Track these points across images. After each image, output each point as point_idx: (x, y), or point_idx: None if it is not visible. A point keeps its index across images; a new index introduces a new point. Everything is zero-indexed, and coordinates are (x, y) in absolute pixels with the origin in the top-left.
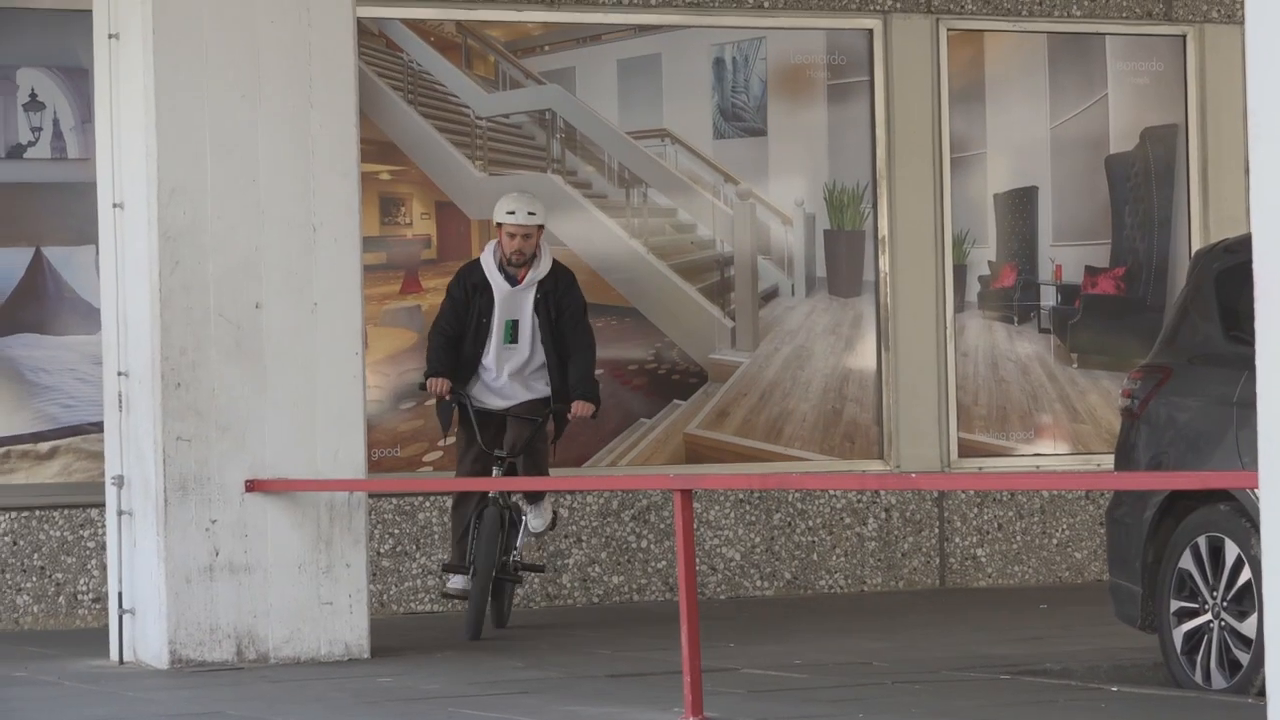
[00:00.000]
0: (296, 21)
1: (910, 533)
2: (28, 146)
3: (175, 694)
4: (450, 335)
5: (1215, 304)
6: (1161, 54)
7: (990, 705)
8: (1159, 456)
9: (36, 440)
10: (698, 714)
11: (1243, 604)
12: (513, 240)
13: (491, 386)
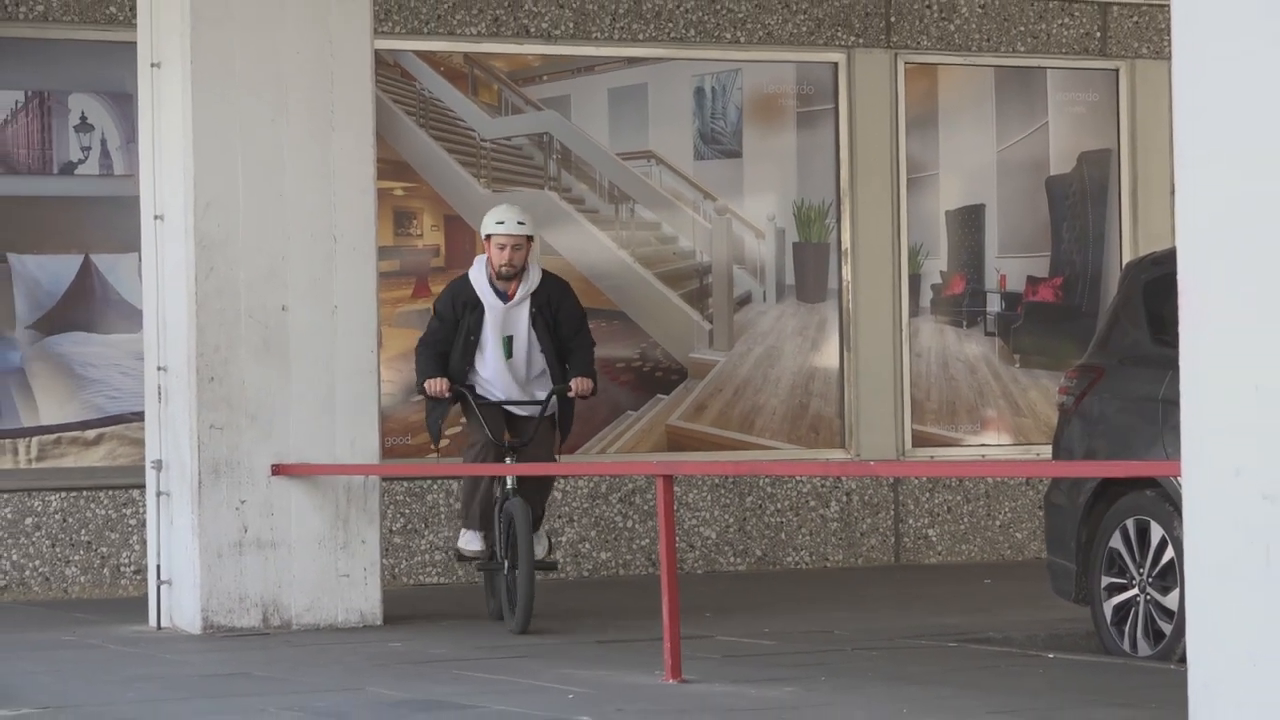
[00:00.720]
0: (320, 52)
1: (868, 514)
2: (78, 164)
3: (207, 657)
4: (439, 351)
5: (1143, 311)
6: (1097, 86)
7: (939, 670)
8: (1092, 447)
9: (84, 428)
10: (677, 676)
11: (1166, 580)
12: (502, 252)
13: (491, 393)
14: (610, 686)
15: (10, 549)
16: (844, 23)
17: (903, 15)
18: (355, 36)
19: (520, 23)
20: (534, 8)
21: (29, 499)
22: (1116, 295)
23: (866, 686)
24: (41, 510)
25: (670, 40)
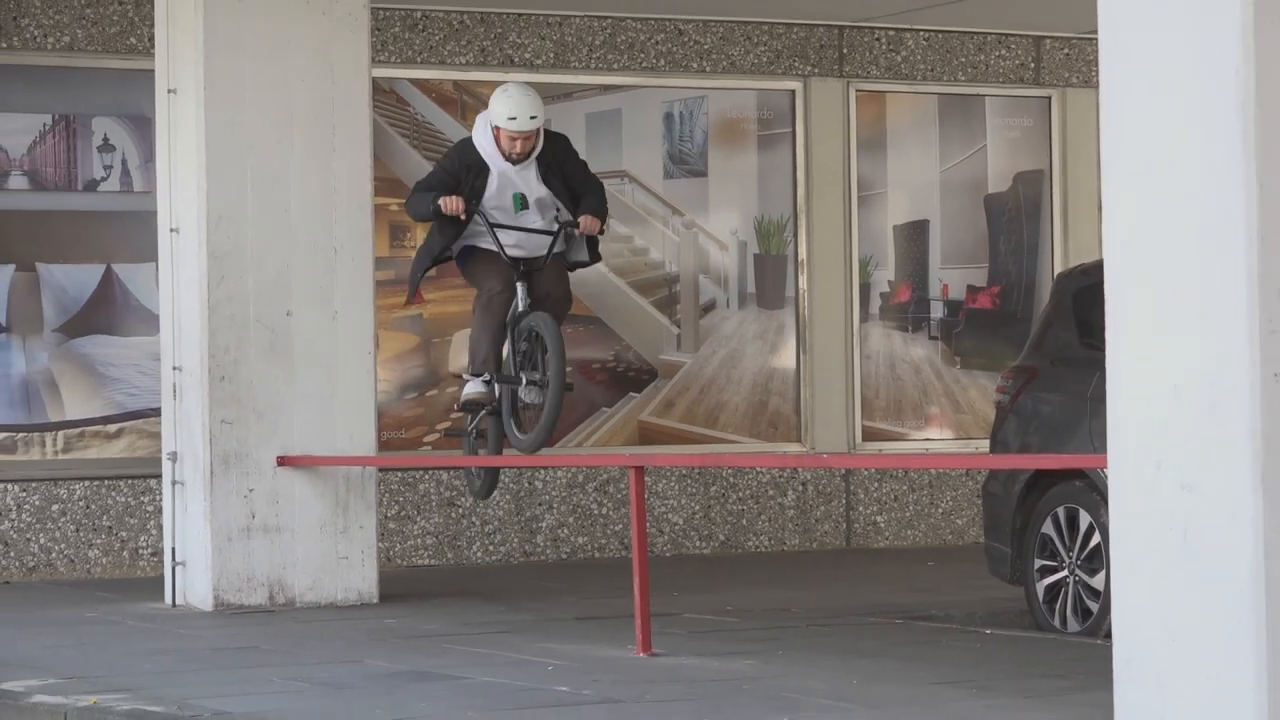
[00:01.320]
0: (322, 80)
1: (822, 502)
2: (101, 181)
3: (218, 632)
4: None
5: (1073, 317)
6: (1031, 112)
7: (886, 644)
8: (1026, 441)
9: (106, 422)
10: (647, 650)
11: (1093, 563)
12: (514, 142)
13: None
14: (586, 659)
15: (38, 533)
16: (800, 54)
17: (854, 47)
18: (354, 66)
19: (505, 53)
20: (518, 39)
21: (55, 488)
22: (1048, 303)
23: (820, 659)
24: (67, 498)
25: (642, 70)
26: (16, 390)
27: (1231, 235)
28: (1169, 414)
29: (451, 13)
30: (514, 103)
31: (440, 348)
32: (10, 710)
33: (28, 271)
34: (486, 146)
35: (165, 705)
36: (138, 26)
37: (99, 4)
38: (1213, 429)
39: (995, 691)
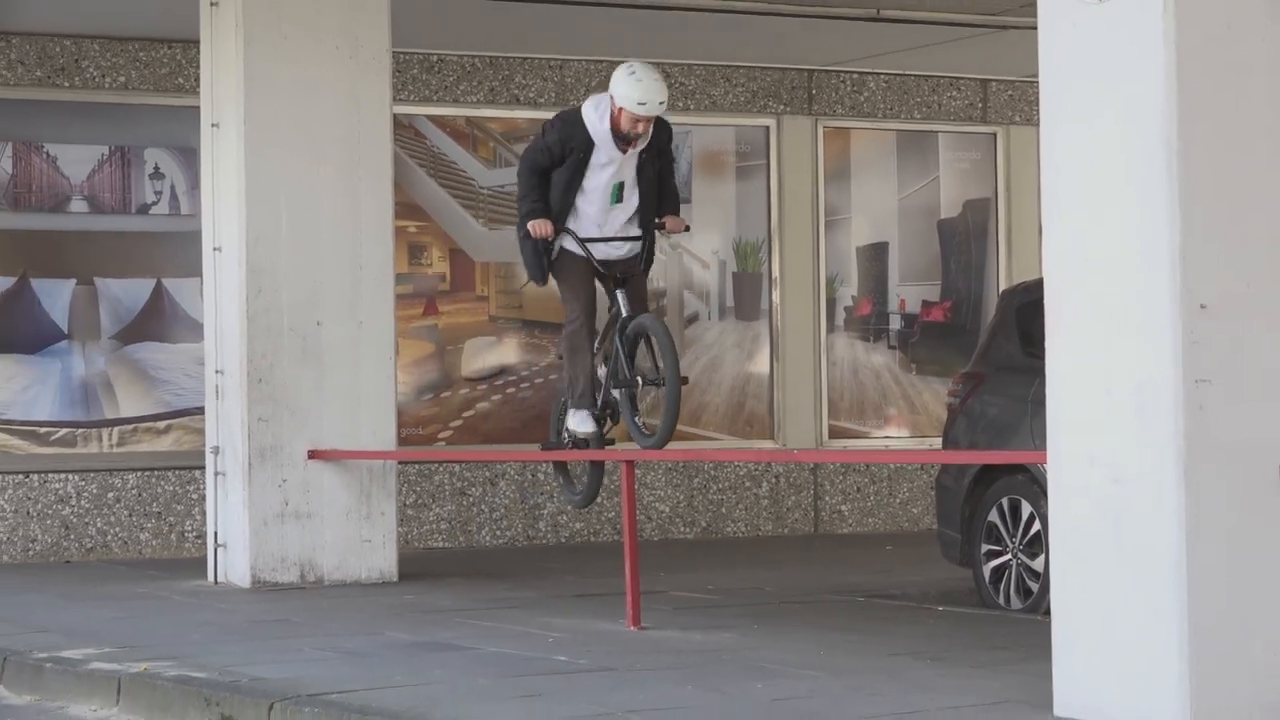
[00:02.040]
0: (349, 116)
1: (793, 493)
2: (152, 205)
3: (255, 606)
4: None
5: (1016, 329)
6: (979, 146)
7: (849, 620)
8: (975, 439)
9: (156, 420)
10: (637, 624)
11: (1034, 548)
12: (636, 125)
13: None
14: (583, 632)
15: (96, 518)
16: (774, 94)
17: (822, 88)
18: (377, 104)
19: (511, 92)
20: (523, 80)
21: (111, 477)
22: (994, 316)
23: (791, 633)
24: (121, 487)
25: None
26: (76, 391)
27: (1157, 257)
28: (1102, 415)
29: (464, 57)
30: (645, 88)
31: (453, 354)
32: (69, 676)
33: (87, 285)
34: (599, 126)
35: (208, 671)
36: (185, 68)
37: (151, 48)
38: (1141, 429)
39: (947, 662)
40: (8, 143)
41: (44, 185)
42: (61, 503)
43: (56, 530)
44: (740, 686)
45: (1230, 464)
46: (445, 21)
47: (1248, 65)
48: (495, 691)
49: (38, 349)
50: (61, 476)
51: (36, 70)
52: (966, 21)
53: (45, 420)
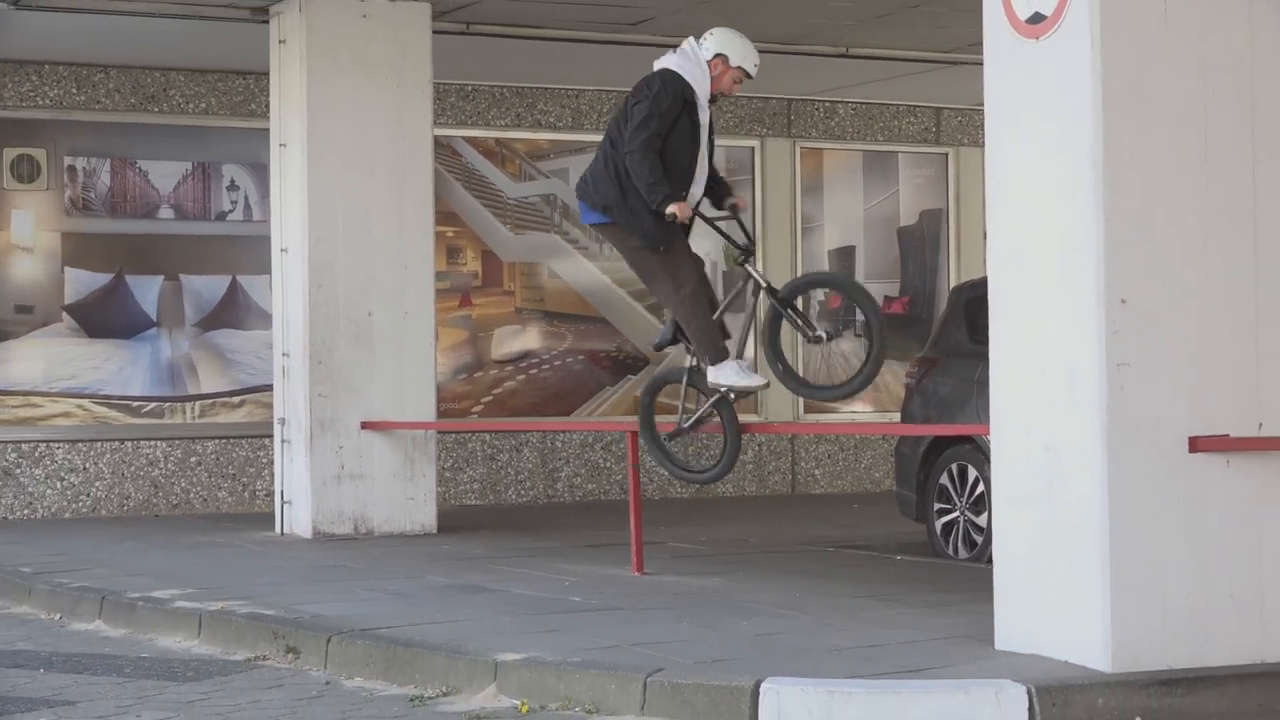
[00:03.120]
0: (396, 136)
1: (773, 459)
2: (228, 213)
3: (315, 553)
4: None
5: (964, 320)
6: (933, 165)
7: (821, 566)
8: (928, 414)
9: (231, 396)
10: (640, 570)
11: (978, 506)
12: (736, 86)
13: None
14: (594, 576)
15: (180, 479)
16: (758, 119)
17: (799, 114)
18: (420, 126)
19: (534, 117)
20: (544, 107)
21: (193, 444)
22: (945, 309)
23: (771, 577)
24: (202, 452)
25: None
26: (164, 371)
27: (1085, 259)
28: (1037, 393)
29: (494, 86)
30: (751, 49)
31: (484, 340)
32: (158, 612)
33: (173, 281)
34: (702, 83)
35: (276, 609)
36: (257, 96)
37: (228, 79)
38: (1070, 405)
39: (903, 603)
40: (106, 159)
41: (137, 196)
42: (151, 465)
43: (147, 489)
44: (728, 623)
45: (1146, 435)
46: (478, 57)
47: (1162, 97)
48: (519, 627)
49: (131, 335)
50: (151, 443)
51: (131, 98)
52: (923, 58)
53: (138, 395)
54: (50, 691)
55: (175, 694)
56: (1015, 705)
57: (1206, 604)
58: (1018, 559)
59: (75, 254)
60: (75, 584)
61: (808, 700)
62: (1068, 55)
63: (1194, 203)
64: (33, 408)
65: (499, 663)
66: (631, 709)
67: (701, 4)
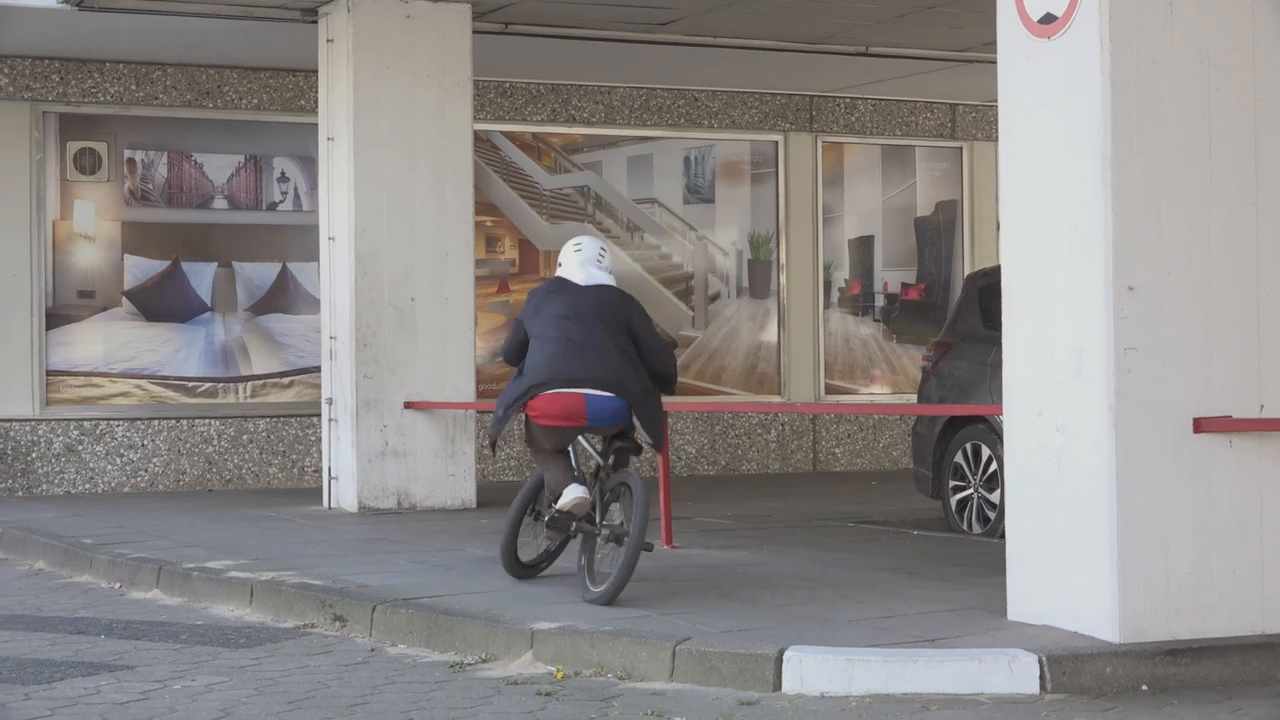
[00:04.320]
0: (438, 131)
1: (795, 437)
2: (279, 203)
3: (360, 526)
4: None
5: (978, 306)
6: (948, 158)
7: (841, 540)
8: (944, 395)
9: (281, 377)
10: (670, 543)
11: (991, 484)
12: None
13: None
14: None
15: (233, 456)
16: (783, 115)
17: (821, 110)
18: (461, 121)
19: (569, 113)
20: (579, 103)
21: (245, 423)
22: (960, 295)
23: (793, 551)
24: (254, 430)
25: (668, 125)
26: (218, 353)
27: (1094, 247)
28: (1048, 376)
29: (530, 83)
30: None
31: None
32: (212, 582)
33: (226, 267)
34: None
35: (323, 579)
36: (306, 93)
37: (279, 76)
38: (1079, 387)
39: (920, 575)
40: (164, 152)
41: (192, 187)
42: (206, 443)
43: (201, 465)
44: (753, 594)
45: (1151, 416)
46: (516, 55)
47: (1168, 94)
48: (553, 597)
49: (186, 319)
50: (206, 422)
51: (187, 94)
52: (939, 56)
53: (193, 376)
54: (110, 656)
55: (228, 659)
56: (1027, 673)
57: (1210, 577)
58: (1029, 534)
59: (134, 242)
60: (134, 555)
61: (828, 668)
62: (1078, 54)
63: (1198, 194)
64: (94, 388)
65: (535, 631)
66: (661, 675)
67: (730, 4)
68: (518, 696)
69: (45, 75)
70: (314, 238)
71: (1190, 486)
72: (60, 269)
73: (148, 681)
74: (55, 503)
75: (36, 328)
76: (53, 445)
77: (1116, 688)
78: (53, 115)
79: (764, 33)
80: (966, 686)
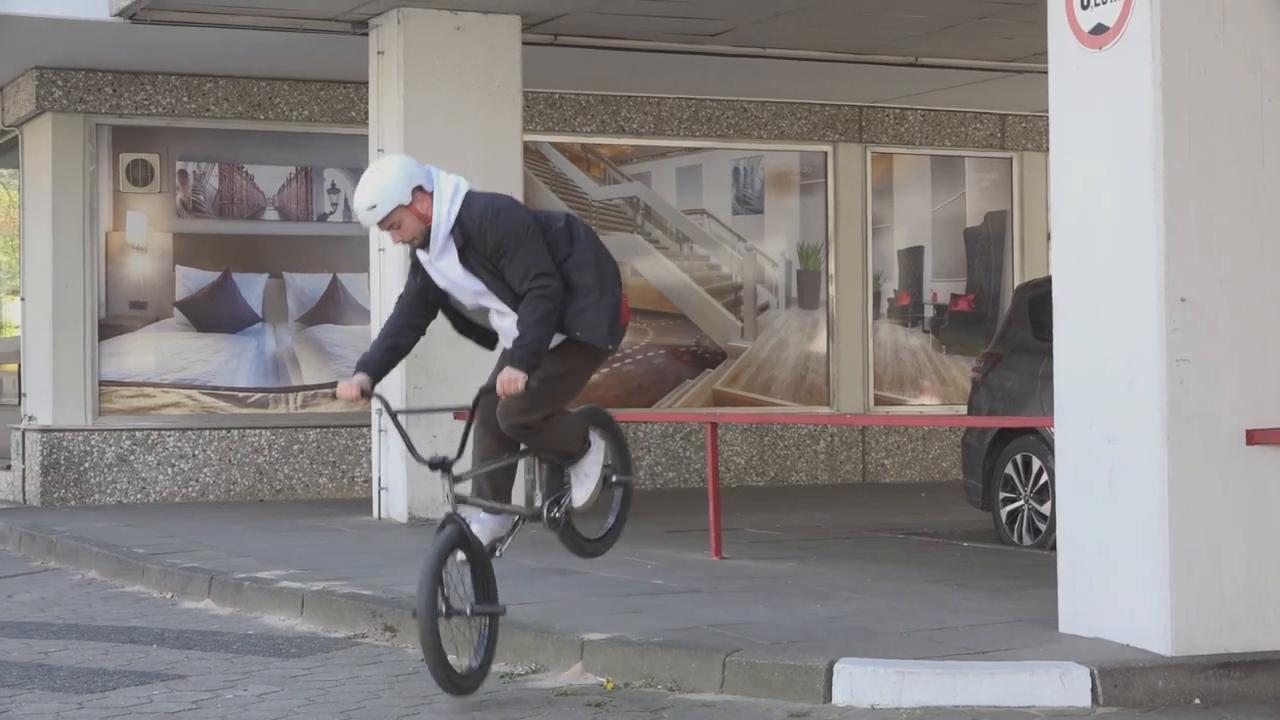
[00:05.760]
0: (487, 142)
1: (844, 448)
2: (329, 214)
3: (410, 537)
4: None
5: (1028, 318)
6: (998, 169)
7: (890, 552)
8: (994, 407)
9: (332, 386)
10: (718, 554)
11: (1042, 495)
12: (389, 236)
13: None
14: (675, 561)
15: (283, 465)
16: (831, 125)
17: (870, 120)
18: (510, 132)
19: (618, 124)
20: (628, 114)
21: (295, 433)
22: (1010, 307)
23: (843, 562)
24: (304, 440)
25: (717, 136)
26: (269, 363)
27: (1146, 259)
28: (1099, 388)
29: (580, 94)
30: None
31: None
32: (263, 592)
33: (277, 278)
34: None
35: (374, 589)
36: (357, 104)
37: (330, 88)
38: (1131, 398)
39: (970, 587)
40: (215, 164)
41: (243, 198)
42: (256, 453)
43: (252, 475)
44: (803, 606)
45: (1204, 427)
46: (565, 66)
47: (1220, 104)
48: (605, 608)
49: (237, 329)
50: (256, 432)
51: (238, 105)
52: (988, 66)
53: (243, 387)
54: (163, 665)
55: (279, 669)
56: (1078, 686)
57: (1263, 590)
58: (1080, 546)
59: (186, 253)
60: (186, 564)
61: (879, 680)
62: (1129, 64)
63: (1251, 204)
64: (146, 398)
65: (585, 642)
66: (711, 687)
67: (779, 15)
68: (568, 707)
69: (98, 88)
70: (364, 249)
71: (1243, 498)
72: (113, 280)
73: (200, 691)
74: (107, 512)
75: (89, 338)
76: (105, 455)
77: (1169, 701)
78: (106, 127)
79: (813, 43)
80: (1018, 699)
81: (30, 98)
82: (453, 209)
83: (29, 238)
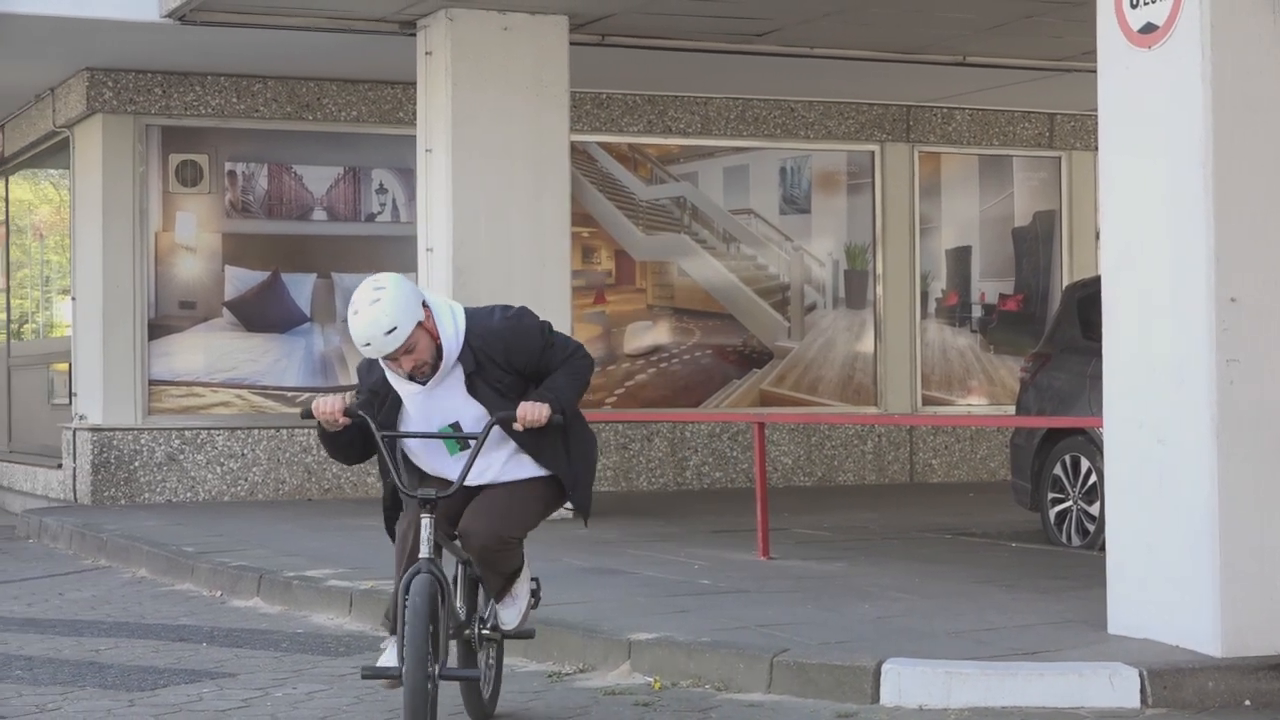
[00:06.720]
0: (535, 143)
1: (892, 449)
2: (377, 214)
3: None
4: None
5: (1077, 317)
6: (1047, 168)
7: (938, 552)
8: (1042, 407)
9: None
10: (766, 555)
11: (1091, 496)
12: (397, 363)
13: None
14: (722, 561)
15: (332, 464)
16: (879, 125)
17: (917, 120)
18: (558, 132)
19: (665, 124)
20: (675, 114)
21: None
22: (1059, 306)
23: (890, 563)
24: None
25: (764, 136)
26: (316, 362)
27: (1195, 258)
28: (1149, 388)
29: (627, 94)
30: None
31: (617, 335)
32: (312, 590)
33: (325, 278)
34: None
35: None
36: (404, 105)
37: (378, 88)
38: (1181, 398)
39: (1018, 588)
40: (264, 164)
41: (292, 198)
42: (305, 452)
43: (301, 474)
44: (850, 606)
45: (1254, 428)
46: (613, 66)
47: (1271, 102)
48: (651, 608)
49: (286, 329)
50: (305, 431)
51: (287, 106)
52: (1037, 66)
53: (292, 386)
54: (212, 664)
55: (328, 668)
56: (1128, 687)
57: None
58: (1129, 547)
59: (235, 253)
60: (235, 563)
61: (927, 681)
62: (1179, 63)
63: None
64: (195, 397)
65: (632, 642)
66: (758, 687)
67: (827, 15)
68: (615, 707)
69: (148, 89)
70: (412, 249)
71: None
72: (162, 280)
73: (249, 689)
74: (157, 511)
75: (139, 338)
76: (155, 454)
77: (1219, 703)
78: (155, 128)
79: (861, 43)
80: (1066, 700)
81: (81, 99)
82: (458, 322)
83: (79, 238)
